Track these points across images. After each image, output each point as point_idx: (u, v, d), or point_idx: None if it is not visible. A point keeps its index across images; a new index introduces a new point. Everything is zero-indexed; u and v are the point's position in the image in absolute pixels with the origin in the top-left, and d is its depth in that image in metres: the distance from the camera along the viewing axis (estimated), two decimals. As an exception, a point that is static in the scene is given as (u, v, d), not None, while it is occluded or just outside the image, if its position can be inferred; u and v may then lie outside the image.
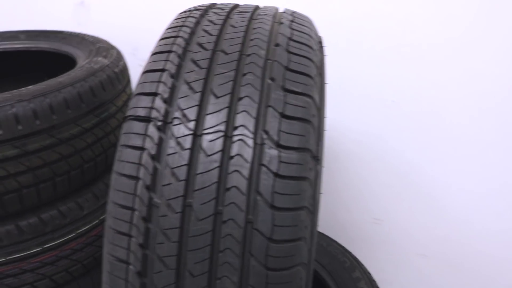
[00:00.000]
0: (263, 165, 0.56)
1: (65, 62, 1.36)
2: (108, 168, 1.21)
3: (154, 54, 0.67)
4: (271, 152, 0.57)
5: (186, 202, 0.56)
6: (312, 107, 0.61)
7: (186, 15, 0.75)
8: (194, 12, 0.76)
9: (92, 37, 1.37)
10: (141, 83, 0.64)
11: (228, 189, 0.56)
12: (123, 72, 1.21)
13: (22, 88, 1.00)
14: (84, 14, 1.55)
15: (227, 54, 0.65)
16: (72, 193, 1.12)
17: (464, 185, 1.31)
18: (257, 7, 0.80)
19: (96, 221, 1.17)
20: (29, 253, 1.06)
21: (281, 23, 0.73)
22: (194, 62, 0.64)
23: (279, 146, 0.57)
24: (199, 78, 0.62)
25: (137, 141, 0.59)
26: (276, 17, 0.75)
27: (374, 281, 1.18)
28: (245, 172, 0.56)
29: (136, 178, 0.57)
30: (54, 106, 0.98)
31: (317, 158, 0.60)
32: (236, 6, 0.81)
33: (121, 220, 0.57)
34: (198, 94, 0.60)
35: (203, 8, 0.79)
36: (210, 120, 0.59)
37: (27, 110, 0.94)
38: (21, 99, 0.95)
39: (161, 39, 0.70)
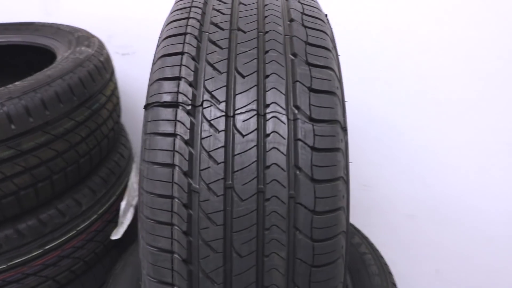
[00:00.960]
0: (299, 139, 0.56)
1: (41, 55, 1.29)
2: (102, 161, 1.18)
3: (167, 37, 0.65)
4: (305, 126, 0.57)
5: (227, 184, 0.56)
6: (335, 79, 0.62)
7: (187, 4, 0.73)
8: (197, -7, 0.74)
9: (68, 26, 1.30)
10: (160, 68, 0.62)
11: (268, 166, 0.56)
12: (108, 60, 1.17)
13: (9, 85, 0.95)
14: (52, 3, 1.47)
15: (245, 32, 0.64)
16: (69, 190, 1.08)
17: (449, 147, 1.37)
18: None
19: (95, 216, 1.14)
20: (30, 257, 1.02)
21: (292, 19, 0.72)
22: (214, 42, 0.63)
23: (311, 120, 0.58)
24: (222, 58, 0.61)
25: (168, 128, 0.57)
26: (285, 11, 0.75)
27: (372, 244, 1.22)
28: (283, 149, 0.56)
29: (172, 166, 0.56)
30: (46, 101, 0.93)
31: (345, 129, 0.61)
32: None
33: (160, 210, 0.56)
34: (224, 75, 0.60)
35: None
36: (240, 100, 0.58)
37: (19, 108, 0.89)
38: (11, 97, 0.90)
39: (171, 21, 0.68)
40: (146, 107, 0.62)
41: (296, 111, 0.58)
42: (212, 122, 0.57)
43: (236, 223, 0.55)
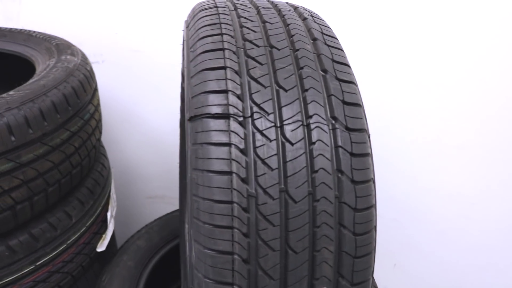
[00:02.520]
0: (340, 146, 0.64)
1: (10, 63, 1.23)
2: (89, 173, 1.16)
3: (205, 52, 0.69)
4: (343, 135, 0.65)
5: (281, 188, 0.61)
6: (359, 93, 0.71)
7: (213, 12, 0.77)
8: (220, 8, 0.79)
9: (40, 33, 1.26)
10: (203, 81, 0.66)
11: (316, 171, 0.62)
12: (92, 69, 1.16)
13: (3, 95, 0.91)
14: (13, 7, 1.39)
15: (278, 49, 0.70)
16: (59, 203, 1.05)
17: (434, 149, 1.51)
18: (271, 2, 0.85)
19: (84, 229, 1.12)
20: (21, 274, 0.99)
21: (305, 18, 0.79)
22: (253, 58, 0.68)
23: (347, 129, 0.65)
24: (264, 73, 0.66)
25: (222, 138, 0.61)
26: (296, 12, 0.82)
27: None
28: (328, 155, 0.63)
29: (229, 173, 0.60)
30: (44, 112, 0.91)
31: (369, 136, 0.70)
32: (251, 1, 0.85)
33: (220, 215, 0.60)
34: (269, 89, 0.65)
35: (224, 4, 0.81)
36: (286, 112, 0.64)
37: (19, 119, 0.87)
38: (9, 107, 0.87)
39: (204, 37, 0.71)
40: (193, 118, 0.65)
41: (334, 122, 0.65)
42: (264, 132, 0.62)
43: (291, 223, 0.61)
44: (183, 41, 0.82)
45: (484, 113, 1.41)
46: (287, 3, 0.87)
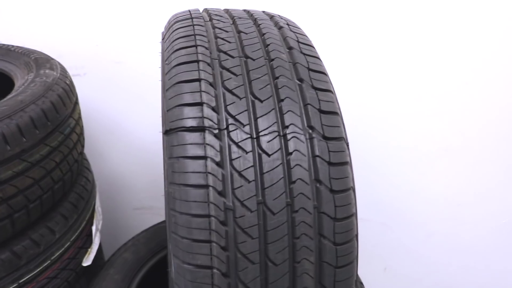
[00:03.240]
0: (318, 156, 0.64)
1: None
2: (72, 187, 1.15)
3: (179, 64, 0.69)
4: (320, 144, 0.64)
5: (259, 200, 0.61)
6: (336, 101, 0.70)
7: (188, 24, 0.77)
8: (195, 20, 0.78)
9: (19, 47, 1.24)
10: (178, 94, 0.65)
11: (293, 181, 0.62)
12: (72, 83, 1.15)
13: (-21, 112, 0.89)
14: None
15: (254, 60, 0.70)
16: (42, 218, 1.04)
17: (420, 153, 1.52)
18: (247, 12, 0.85)
19: (68, 244, 1.11)
20: (4, 293, 0.96)
21: (281, 27, 0.79)
22: (227, 69, 0.68)
23: (324, 138, 0.65)
24: (239, 84, 0.66)
25: (198, 151, 0.61)
26: (272, 21, 0.82)
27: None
28: (305, 165, 0.63)
29: (206, 187, 0.60)
30: (22, 128, 0.90)
31: (347, 144, 0.70)
32: (227, 11, 0.85)
33: (198, 229, 0.59)
34: (244, 100, 0.65)
35: (199, 15, 0.81)
36: (262, 123, 0.63)
37: (-4, 136, 0.85)
38: (-15, 124, 0.85)
39: (178, 49, 0.71)
40: (168, 132, 0.64)
41: (310, 131, 0.65)
42: (239, 144, 0.62)
43: (270, 235, 0.60)
44: (160, 53, 0.81)
45: (468, 116, 1.42)
46: (263, 12, 0.87)
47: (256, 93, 0.66)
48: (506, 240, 1.52)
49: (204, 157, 0.61)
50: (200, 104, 0.64)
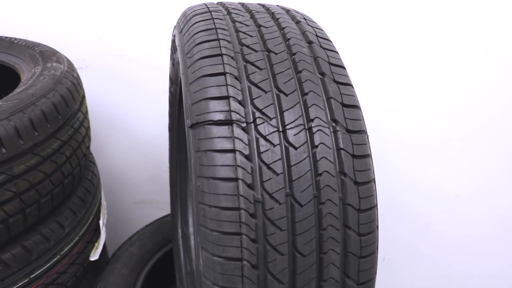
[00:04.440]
0: (342, 149, 0.65)
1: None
2: (80, 181, 1.14)
3: (202, 58, 0.69)
4: (344, 137, 0.66)
5: (287, 192, 0.62)
6: (356, 94, 0.72)
7: (208, 17, 0.77)
8: (214, 13, 0.78)
9: (22, 40, 1.23)
10: (203, 88, 0.66)
11: (320, 174, 0.63)
12: (78, 76, 1.14)
13: (-10, 105, 0.88)
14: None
15: (276, 54, 0.70)
16: (52, 213, 1.03)
17: (417, 145, 1.54)
18: (263, 5, 0.85)
19: (77, 238, 1.10)
20: (15, 288, 0.96)
21: (298, 21, 0.80)
22: (252, 63, 0.68)
23: (348, 131, 0.66)
24: (263, 78, 0.67)
25: (226, 144, 0.61)
26: (289, 15, 0.82)
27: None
28: (331, 158, 0.64)
29: (235, 180, 0.60)
30: (34, 122, 0.89)
31: (368, 137, 0.71)
32: (243, 4, 0.85)
33: (228, 222, 0.60)
34: (270, 93, 0.65)
35: (217, 8, 0.81)
36: (288, 116, 0.64)
37: (10, 130, 0.84)
38: (-1, 118, 0.84)
39: (201, 42, 0.71)
40: (194, 126, 0.65)
41: (334, 124, 0.66)
42: (267, 137, 0.62)
43: (298, 226, 0.61)
44: (177, 46, 0.81)
45: (466, 108, 1.45)
46: (277, 6, 0.88)
47: (281, 86, 0.66)
48: (502, 231, 1.56)
49: (233, 151, 0.61)
50: (227, 97, 0.64)
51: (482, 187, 1.54)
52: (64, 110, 0.98)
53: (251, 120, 0.63)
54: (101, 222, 1.20)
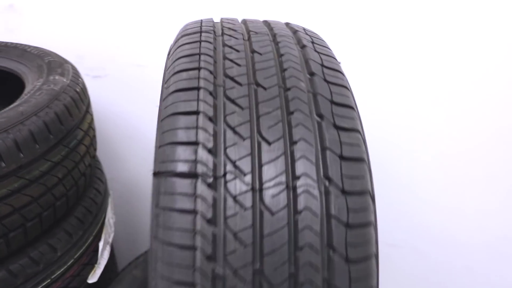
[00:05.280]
0: (333, 216, 0.51)
1: (4, 79, 1.17)
2: (79, 200, 1.08)
3: (176, 91, 0.58)
4: (338, 201, 0.52)
5: (256, 268, 0.50)
6: (363, 143, 0.58)
7: (195, 39, 0.66)
8: (204, 34, 0.67)
9: (36, 48, 1.18)
10: (171, 129, 0.55)
11: (300, 248, 0.50)
12: (84, 90, 1.07)
13: (-26, 124, 0.83)
14: (14, 19, 1.33)
15: (265, 89, 0.58)
16: (42, 235, 0.97)
17: (433, 174, 1.37)
18: (267, 24, 0.73)
19: (71, 261, 1.04)
20: (-2, 313, 0.91)
21: (304, 45, 0.67)
22: (232, 100, 0.56)
23: (344, 192, 0.53)
24: (243, 120, 0.55)
25: (187, 204, 0.50)
26: (295, 38, 0.69)
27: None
28: (317, 227, 0.51)
29: (193, 248, 0.49)
30: (20, 143, 0.83)
31: (374, 199, 0.57)
32: (245, 22, 0.73)
33: (179, 299, 0.49)
34: (248, 141, 0.53)
35: (210, 28, 0.70)
36: (268, 171, 0.52)
37: (-11, 152, 0.78)
38: (-21, 139, 0.79)
39: (178, 71, 0.61)
40: (156, 175, 0.54)
41: (327, 183, 0.53)
42: (237, 198, 0.51)
43: (266, 313, 0.49)
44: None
45: (452, 99, 1.24)
46: (286, 24, 0.75)
47: (264, 132, 0.54)
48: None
49: (193, 212, 0.50)
50: (195, 143, 0.53)
51: (469, 178, 1.32)
52: (58, 129, 0.91)
53: (221, 174, 0.52)
54: (101, 243, 1.14)
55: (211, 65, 0.60)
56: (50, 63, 1.09)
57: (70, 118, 0.95)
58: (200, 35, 0.67)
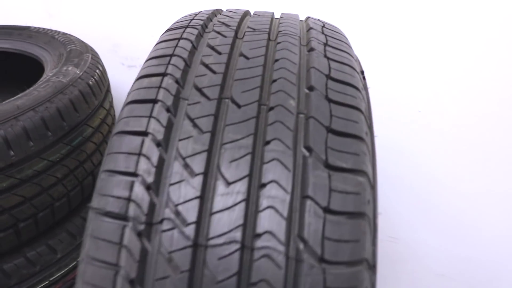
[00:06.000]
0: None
1: (32, 64, 1.14)
2: (85, 201, 1.01)
3: (131, 102, 0.46)
4: (313, 273, 0.37)
5: None
6: (367, 190, 0.41)
7: (175, 36, 0.54)
8: (188, 30, 0.54)
9: (64, 35, 1.13)
10: (113, 152, 0.43)
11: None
12: (101, 82, 0.99)
13: (-32, 117, 0.78)
14: (55, 4, 1.30)
15: (239, 106, 0.44)
16: (41, 235, 0.92)
17: (487, 204, 1.14)
18: (273, 19, 0.58)
19: (74, 263, 0.98)
20: (-9, 313, 0.87)
21: (312, 48, 0.51)
22: (192, 121, 0.43)
23: (323, 261, 0.37)
24: (199, 150, 0.41)
25: (109, 255, 0.39)
26: (302, 37, 0.54)
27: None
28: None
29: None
30: (10, 140, 0.76)
31: (374, 268, 0.41)
32: (246, 15, 0.59)
33: None
34: (199, 178, 0.40)
35: (201, 22, 0.57)
36: (219, 223, 0.38)
37: (-25, 148, 0.73)
38: (-35, 134, 0.74)
39: (140, 77, 0.48)
40: (92, 210, 0.43)
41: (301, 247, 0.38)
42: (172, 255, 0.38)
43: None
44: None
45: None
46: (306, 19, 0.59)
47: (224, 168, 0.40)
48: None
49: (115, 267, 0.38)
50: (133, 175, 0.41)
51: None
52: (58, 125, 0.84)
53: (158, 220, 0.39)
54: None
55: (179, 71, 0.47)
56: (70, 51, 1.03)
57: (75, 113, 0.88)
58: (183, 31, 0.54)
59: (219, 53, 0.49)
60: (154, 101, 0.45)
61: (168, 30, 0.57)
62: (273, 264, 0.37)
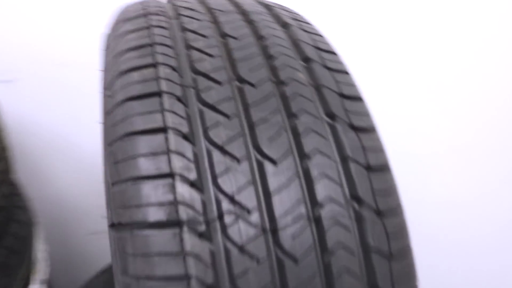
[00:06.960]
0: (373, 249, 0.38)
1: None
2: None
3: (127, 100, 0.40)
4: (376, 228, 0.39)
5: None
6: (383, 144, 0.45)
7: (141, 24, 0.48)
8: (152, 17, 0.49)
9: None
10: (127, 158, 0.38)
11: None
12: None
13: None
14: None
15: (254, 86, 0.42)
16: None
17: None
18: (233, 1, 0.56)
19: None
20: None
21: (286, 23, 0.52)
22: (213, 107, 0.40)
23: (379, 214, 0.39)
24: (233, 134, 0.39)
25: (172, 267, 0.34)
26: (272, 15, 0.54)
27: None
28: (356, 268, 0.37)
29: None
30: None
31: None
32: (203, 1, 0.56)
33: None
34: (245, 163, 0.38)
35: (159, 9, 0.52)
36: (280, 203, 0.37)
37: None
38: None
39: (126, 71, 0.43)
40: (117, 227, 0.37)
41: (356, 205, 0.39)
42: (245, 247, 0.35)
43: None
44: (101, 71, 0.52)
45: (473, 114, 1.20)
46: (256, 0, 0.59)
47: (265, 147, 0.39)
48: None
49: (185, 278, 0.34)
50: (170, 175, 0.36)
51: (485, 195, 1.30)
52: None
53: (215, 216, 0.36)
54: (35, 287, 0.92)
55: (171, 59, 0.43)
56: None
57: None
58: (147, 18, 0.49)
59: (205, 36, 0.46)
60: (158, 94, 0.40)
61: (124, 21, 0.51)
62: (342, 229, 0.37)
